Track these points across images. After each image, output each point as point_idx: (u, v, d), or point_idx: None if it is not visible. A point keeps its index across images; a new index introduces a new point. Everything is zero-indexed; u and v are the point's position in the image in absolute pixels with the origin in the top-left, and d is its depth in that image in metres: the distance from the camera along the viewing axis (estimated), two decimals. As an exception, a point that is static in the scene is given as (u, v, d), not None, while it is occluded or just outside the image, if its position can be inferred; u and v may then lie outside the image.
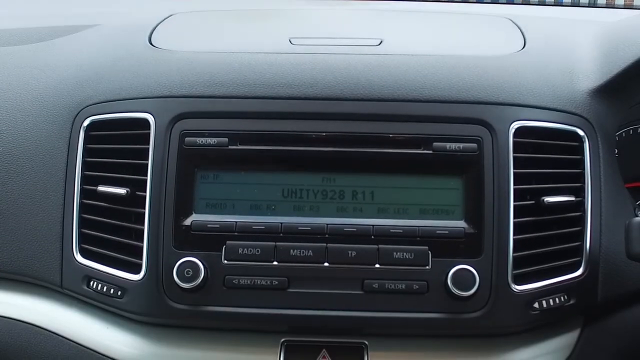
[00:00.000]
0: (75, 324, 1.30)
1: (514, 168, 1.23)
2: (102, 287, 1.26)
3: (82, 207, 1.28)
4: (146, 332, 1.27)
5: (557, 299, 1.23)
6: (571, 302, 1.24)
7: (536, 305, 1.22)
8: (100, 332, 1.29)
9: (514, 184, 1.23)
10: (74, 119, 1.31)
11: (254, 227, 1.22)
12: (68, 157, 1.30)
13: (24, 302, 1.33)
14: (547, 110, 1.27)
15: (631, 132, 1.43)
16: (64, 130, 1.31)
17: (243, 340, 1.26)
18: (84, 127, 1.30)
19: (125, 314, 1.26)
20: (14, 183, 1.32)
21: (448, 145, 1.23)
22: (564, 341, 1.28)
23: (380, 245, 1.20)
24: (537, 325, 1.26)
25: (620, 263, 1.25)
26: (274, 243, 1.21)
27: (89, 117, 1.30)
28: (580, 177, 1.27)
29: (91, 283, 1.27)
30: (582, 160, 1.27)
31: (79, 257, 1.27)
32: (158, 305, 1.22)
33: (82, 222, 1.28)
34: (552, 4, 1.96)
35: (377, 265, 1.20)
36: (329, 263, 1.20)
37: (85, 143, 1.29)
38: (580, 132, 1.27)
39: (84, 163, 1.29)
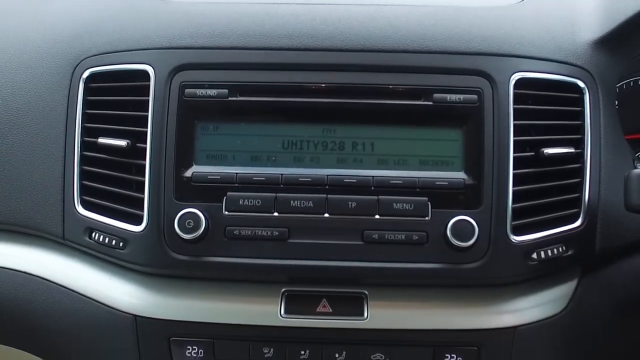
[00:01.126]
0: (78, 275, 1.31)
1: (514, 119, 1.23)
2: (103, 239, 1.26)
3: (83, 159, 1.28)
4: (148, 282, 1.28)
5: (555, 250, 1.24)
6: (569, 252, 1.25)
7: (534, 255, 1.23)
8: (102, 282, 1.30)
9: (514, 136, 1.23)
10: (73, 70, 1.31)
11: (254, 178, 1.22)
12: (68, 109, 1.30)
13: (26, 254, 1.34)
14: (548, 62, 1.27)
15: (632, 84, 1.42)
16: (63, 82, 1.31)
17: (244, 290, 1.27)
18: (83, 79, 1.29)
19: (127, 264, 1.28)
20: (14, 135, 1.32)
21: (448, 96, 1.23)
22: (562, 291, 1.29)
23: (380, 196, 1.21)
24: (535, 276, 1.27)
25: (619, 214, 1.26)
26: (274, 194, 1.21)
27: (88, 68, 1.30)
28: (580, 129, 1.27)
29: (93, 234, 1.27)
30: (582, 112, 1.27)
31: (80, 209, 1.28)
32: (160, 256, 1.23)
33: (83, 174, 1.28)
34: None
35: (377, 216, 1.21)
36: (329, 214, 1.21)
37: (85, 95, 1.29)
38: (581, 84, 1.27)
39: (84, 115, 1.29)
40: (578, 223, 1.25)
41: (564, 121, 1.27)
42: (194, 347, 1.26)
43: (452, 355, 1.24)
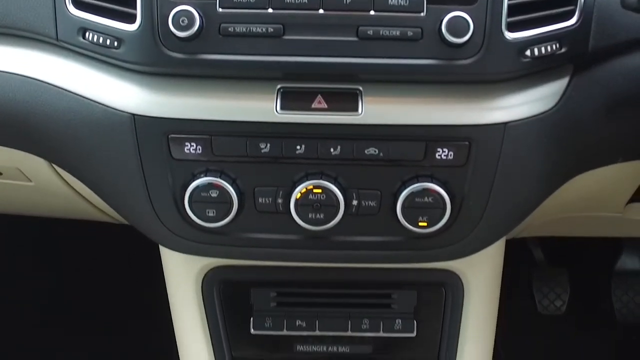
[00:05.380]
0: (75, 76, 1.31)
1: None
2: (97, 38, 1.26)
3: None
4: (145, 82, 1.28)
5: (549, 47, 1.25)
6: (562, 50, 1.26)
7: (528, 52, 1.24)
8: (98, 83, 1.30)
9: None
10: None
11: None
12: None
13: (21, 57, 1.34)
14: None
15: None
16: None
17: (240, 87, 1.27)
18: None
19: (122, 64, 1.27)
20: None
21: None
22: (553, 88, 1.30)
23: None
24: (528, 73, 1.28)
25: (614, 13, 1.25)
26: None
27: None
28: None
29: (87, 34, 1.27)
30: None
31: (72, 9, 1.27)
32: (155, 54, 1.23)
33: None
34: None
35: (371, 12, 1.20)
36: (324, 10, 1.20)
37: None
38: None
39: None
40: (573, 20, 1.25)
41: None
42: (192, 143, 1.28)
43: (444, 149, 1.28)
